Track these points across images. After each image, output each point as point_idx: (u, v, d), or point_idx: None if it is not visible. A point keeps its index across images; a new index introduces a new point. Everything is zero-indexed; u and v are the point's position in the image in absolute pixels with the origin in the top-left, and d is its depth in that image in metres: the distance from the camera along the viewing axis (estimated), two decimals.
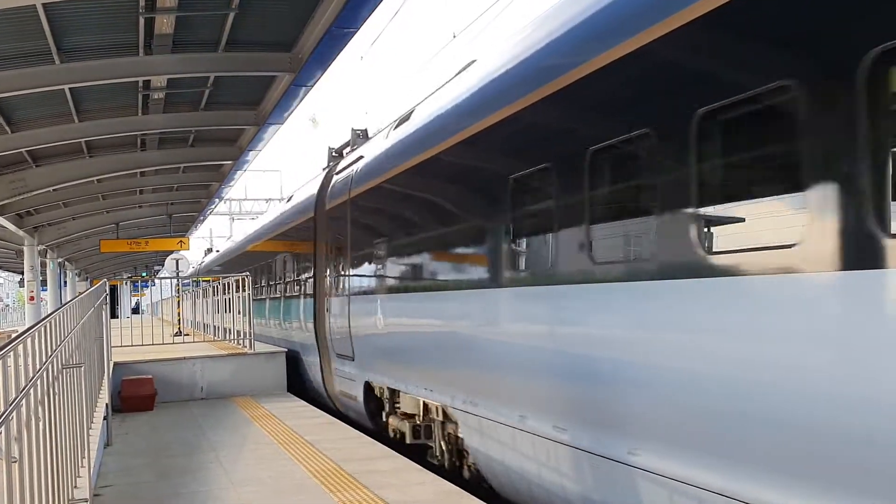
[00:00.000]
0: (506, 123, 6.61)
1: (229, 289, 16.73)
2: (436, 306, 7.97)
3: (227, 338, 16.54)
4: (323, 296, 12.51)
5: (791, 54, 3.88)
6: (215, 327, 19.18)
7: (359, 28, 10.33)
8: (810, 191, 3.69)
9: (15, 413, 3.65)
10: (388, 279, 9.44)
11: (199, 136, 17.51)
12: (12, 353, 3.80)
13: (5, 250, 33.75)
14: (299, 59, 11.78)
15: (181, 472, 7.86)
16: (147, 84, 13.20)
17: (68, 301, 7.59)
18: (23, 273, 29.50)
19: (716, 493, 4.23)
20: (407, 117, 9.65)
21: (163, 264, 27.48)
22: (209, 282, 22.17)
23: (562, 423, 5.69)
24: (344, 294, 11.29)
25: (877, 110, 3.40)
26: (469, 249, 7.32)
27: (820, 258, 3.61)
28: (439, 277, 8.02)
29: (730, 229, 4.47)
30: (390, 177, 9.40)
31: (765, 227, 4.28)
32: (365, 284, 10.44)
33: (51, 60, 11.21)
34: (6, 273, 64.29)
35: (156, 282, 49.23)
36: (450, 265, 7.80)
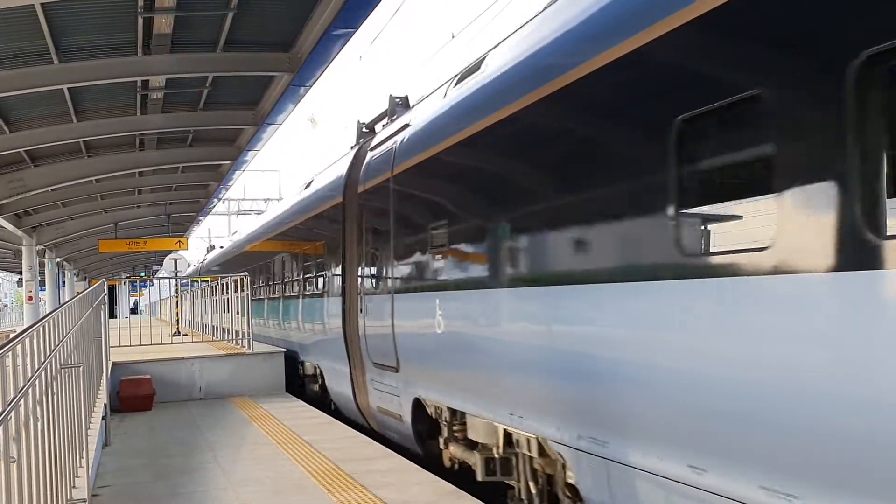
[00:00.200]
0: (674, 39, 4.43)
1: (228, 289, 16.72)
2: (536, 307, 5.99)
3: (226, 338, 16.55)
4: (354, 293, 10.82)
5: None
6: (214, 327, 19.17)
7: (357, 28, 10.35)
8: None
9: (13, 413, 3.65)
10: (453, 271, 7.46)
11: (198, 136, 17.50)
12: (11, 353, 3.80)
13: (3, 250, 33.74)
14: (298, 59, 11.79)
15: (179, 473, 7.86)
16: (145, 84, 13.20)
17: (67, 301, 7.59)
18: (21, 273, 29.48)
19: None
20: (476, 67, 7.71)
21: (161, 264, 27.47)
22: (207, 282, 22.04)
23: (790, 487, 3.66)
24: (384, 290, 9.43)
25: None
26: (607, 226, 5.14)
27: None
28: (546, 268, 5.89)
29: None
30: (453, 144, 7.56)
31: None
32: (416, 278, 8.50)
33: (49, 60, 11.20)
34: (4, 273, 64.31)
35: (154, 282, 49.22)
36: (567, 250, 5.58)
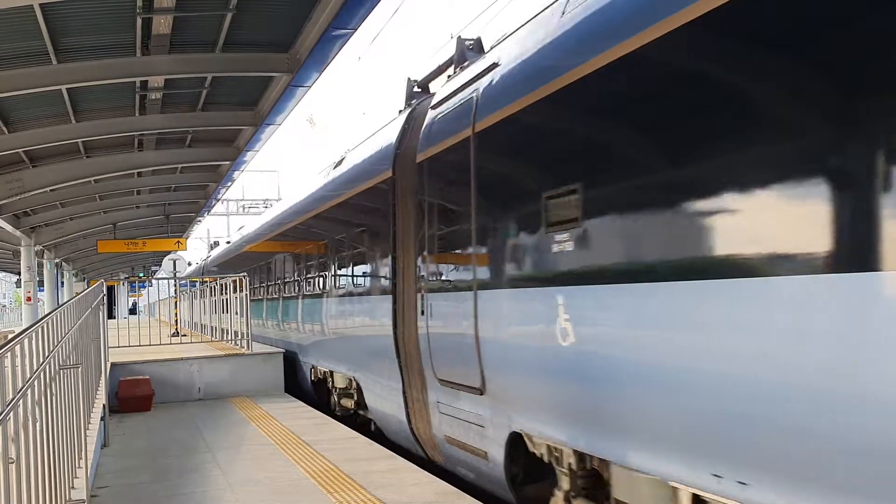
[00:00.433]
0: None
1: (229, 289, 16.72)
2: (789, 309, 3.79)
3: (225, 338, 16.54)
4: (409, 289, 8.70)
5: None
6: (213, 328, 19.15)
7: (356, 28, 10.35)
8: None
9: (12, 414, 3.65)
10: (596, 256, 5.30)
11: (197, 137, 17.50)
12: (9, 354, 3.80)
13: (2, 251, 33.73)
14: (297, 60, 11.79)
15: (178, 473, 7.86)
16: (144, 84, 13.20)
17: (65, 302, 7.58)
18: (20, 273, 29.46)
19: None
20: None
21: (160, 265, 27.46)
22: (206, 282, 21.94)
23: None
24: (462, 286, 7.26)
25: None
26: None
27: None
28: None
29: None
30: (591, 71, 5.33)
31: None
32: (522, 268, 6.27)
33: (48, 60, 11.20)
34: (3, 273, 64.30)
35: (153, 282, 49.22)
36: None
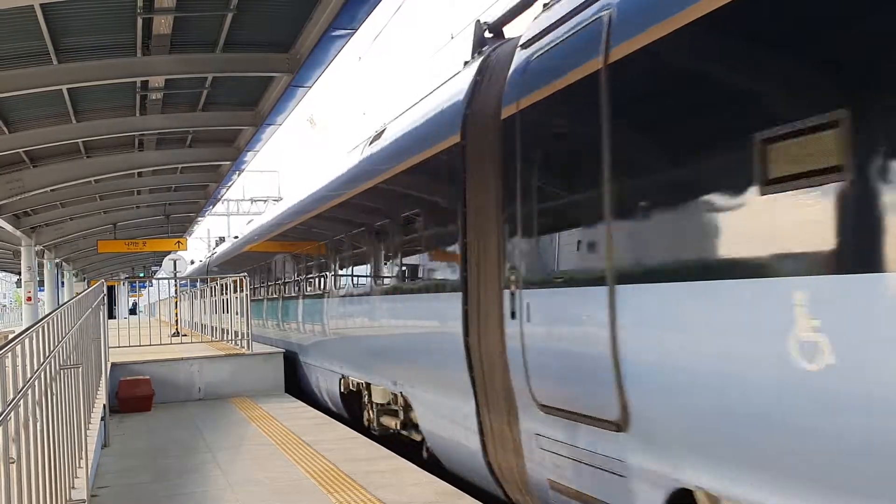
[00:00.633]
0: None
1: (227, 289, 16.72)
2: None
3: (225, 338, 16.54)
4: (486, 284, 6.64)
5: None
6: (213, 328, 19.16)
7: (357, 29, 10.34)
8: None
9: (13, 414, 3.65)
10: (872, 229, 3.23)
11: (197, 137, 17.50)
12: (10, 354, 3.80)
13: (3, 251, 33.73)
14: (297, 60, 11.79)
15: (178, 473, 7.86)
16: (145, 84, 13.20)
17: (66, 302, 7.59)
18: (20, 273, 29.46)
19: None
20: None
21: (160, 265, 27.46)
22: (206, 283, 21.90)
23: None
24: (583, 279, 5.28)
25: None
26: None
27: None
28: None
29: None
30: None
31: None
32: (700, 251, 4.17)
33: (49, 61, 11.20)
34: (3, 273, 64.32)
35: (153, 283, 49.19)
36: None
